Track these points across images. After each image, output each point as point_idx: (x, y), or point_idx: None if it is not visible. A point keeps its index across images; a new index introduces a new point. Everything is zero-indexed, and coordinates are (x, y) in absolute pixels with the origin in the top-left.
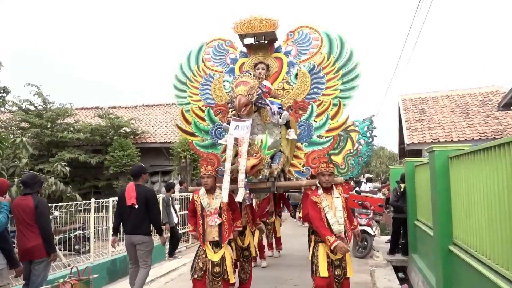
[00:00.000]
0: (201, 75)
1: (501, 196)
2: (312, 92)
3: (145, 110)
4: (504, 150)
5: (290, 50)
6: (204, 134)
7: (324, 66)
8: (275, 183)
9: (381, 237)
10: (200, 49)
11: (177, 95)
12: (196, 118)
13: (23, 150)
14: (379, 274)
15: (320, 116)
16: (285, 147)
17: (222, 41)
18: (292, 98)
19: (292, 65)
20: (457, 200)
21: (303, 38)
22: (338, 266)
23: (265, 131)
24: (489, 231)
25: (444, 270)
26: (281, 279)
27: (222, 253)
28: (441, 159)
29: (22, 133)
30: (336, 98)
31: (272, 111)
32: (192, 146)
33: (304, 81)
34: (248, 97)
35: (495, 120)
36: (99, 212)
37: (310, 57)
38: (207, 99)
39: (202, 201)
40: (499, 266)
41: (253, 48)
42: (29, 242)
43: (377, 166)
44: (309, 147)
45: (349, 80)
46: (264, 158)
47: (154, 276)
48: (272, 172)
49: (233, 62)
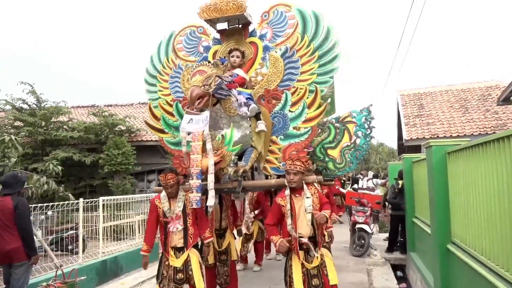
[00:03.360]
0: (171, 67)
1: (500, 193)
2: (286, 79)
3: (141, 108)
4: (504, 144)
5: (265, 33)
6: (174, 131)
7: (298, 48)
8: (241, 183)
9: (379, 235)
10: (169, 38)
11: (148, 89)
12: (165, 113)
13: (12, 149)
14: (377, 273)
15: (295, 105)
16: (257, 141)
17: (194, 28)
18: (264, 86)
19: (268, 49)
20: (455, 197)
21: (278, 18)
22: (316, 275)
23: (230, 125)
24: (487, 230)
25: (442, 270)
26: (276, 278)
27: (185, 258)
28: (438, 154)
29: (15, 132)
30: (312, 84)
31: (239, 102)
32: (163, 144)
33: (276, 66)
34: (203, 87)
35: (495, 115)
36: (94, 212)
37: (286, 38)
38: (177, 92)
39: (163, 206)
40: (499, 267)
41: (227, 34)
42: (8, 245)
43: (376, 163)
44: (285, 140)
45: (326, 63)
46: (227, 155)
47: (146, 277)
48: (237, 171)
49: (206, 50)
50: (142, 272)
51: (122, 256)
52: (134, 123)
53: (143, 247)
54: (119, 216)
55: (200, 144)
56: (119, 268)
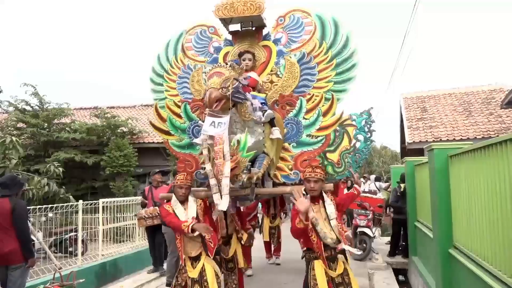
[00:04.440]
0: (179, 67)
1: (503, 197)
2: (302, 85)
3: (143, 110)
4: (507, 147)
5: (280, 38)
6: (181, 133)
7: (316, 55)
8: (254, 190)
9: (381, 239)
10: (179, 37)
11: (153, 89)
12: (171, 114)
13: (13, 151)
14: (378, 277)
15: (310, 112)
16: (269, 148)
17: (205, 27)
18: (279, 91)
19: (282, 54)
20: (457, 201)
21: (294, 24)
22: (341, 283)
23: (244, 129)
24: (490, 234)
25: (444, 275)
26: (275, 282)
27: (200, 267)
28: (440, 158)
29: (18, 133)
30: (329, 92)
31: (253, 107)
32: (168, 146)
33: (292, 72)
34: (221, 90)
35: (498, 118)
36: (94, 214)
37: (302, 45)
38: (185, 93)
39: (177, 211)
40: (501, 272)
41: (239, 36)
42: (5, 247)
43: (379, 166)
44: (298, 148)
45: (344, 71)
46: (241, 161)
47: (144, 281)
48: (251, 178)
49: (216, 51)
50: (141, 275)
51: (122, 258)
52: (136, 124)
53: (183, 225)
54: (119, 218)
55: (221, 148)
56: (118, 271)
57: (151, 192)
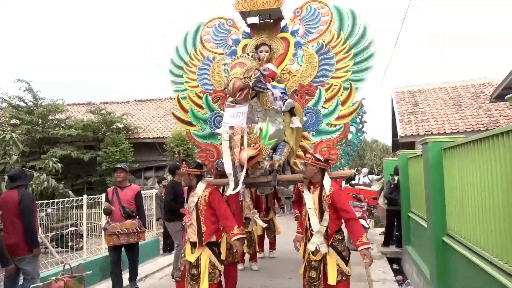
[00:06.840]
0: (199, 59)
1: (494, 187)
2: (320, 75)
3: (137, 105)
4: (498, 141)
5: (297, 29)
6: (202, 123)
7: (334, 45)
8: (276, 177)
9: (375, 229)
10: (197, 30)
11: (173, 80)
12: (193, 105)
13: (13, 147)
14: (373, 266)
15: (329, 101)
16: (289, 136)
17: (223, 20)
18: (298, 81)
19: (299, 45)
20: (450, 192)
21: (311, 15)
22: (315, 268)
23: (265, 118)
24: (482, 222)
25: (438, 262)
26: (275, 273)
27: (197, 255)
28: (434, 151)
29: (12, 130)
30: (347, 81)
31: (274, 96)
32: (190, 137)
33: (310, 62)
34: (244, 80)
35: (488, 112)
36: (93, 209)
37: (319, 35)
38: (205, 84)
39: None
40: (493, 256)
41: (257, 28)
42: (11, 239)
43: (371, 159)
44: (317, 137)
45: (362, 61)
46: (263, 149)
47: (148, 272)
48: (273, 165)
49: (235, 43)
50: (144, 267)
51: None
52: (131, 120)
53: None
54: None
55: (239, 138)
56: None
57: (116, 193)
